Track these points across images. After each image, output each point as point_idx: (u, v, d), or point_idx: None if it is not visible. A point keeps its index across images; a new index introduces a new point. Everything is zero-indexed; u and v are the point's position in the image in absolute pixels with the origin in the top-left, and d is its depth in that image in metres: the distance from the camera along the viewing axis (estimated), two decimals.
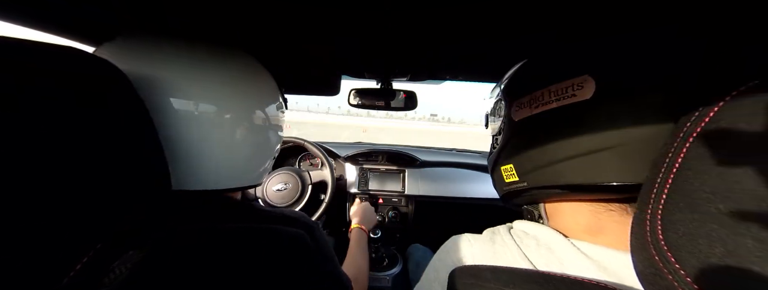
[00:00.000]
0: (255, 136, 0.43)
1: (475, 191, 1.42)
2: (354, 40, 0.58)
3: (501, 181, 0.43)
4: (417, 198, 1.45)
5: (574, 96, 0.30)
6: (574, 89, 0.30)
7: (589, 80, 0.29)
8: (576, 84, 0.30)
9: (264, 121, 0.44)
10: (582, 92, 0.29)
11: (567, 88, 0.31)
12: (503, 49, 0.60)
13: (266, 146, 0.47)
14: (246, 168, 0.44)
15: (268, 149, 0.47)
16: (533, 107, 0.34)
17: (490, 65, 0.73)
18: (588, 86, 0.29)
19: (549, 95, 0.32)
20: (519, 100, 0.37)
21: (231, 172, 0.42)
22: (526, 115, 0.36)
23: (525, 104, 0.36)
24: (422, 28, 0.50)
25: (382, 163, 1.54)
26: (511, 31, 0.50)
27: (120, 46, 0.37)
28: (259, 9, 0.45)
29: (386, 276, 1.19)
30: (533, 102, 0.34)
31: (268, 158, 0.49)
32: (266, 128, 0.45)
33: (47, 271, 0.21)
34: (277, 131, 0.49)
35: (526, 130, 0.37)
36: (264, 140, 0.45)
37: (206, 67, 0.38)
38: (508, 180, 0.41)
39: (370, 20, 0.48)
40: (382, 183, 1.49)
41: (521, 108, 0.36)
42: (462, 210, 1.51)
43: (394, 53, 0.66)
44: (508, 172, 0.40)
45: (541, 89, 0.34)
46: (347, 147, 1.63)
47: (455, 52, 0.63)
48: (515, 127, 0.38)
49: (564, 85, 0.31)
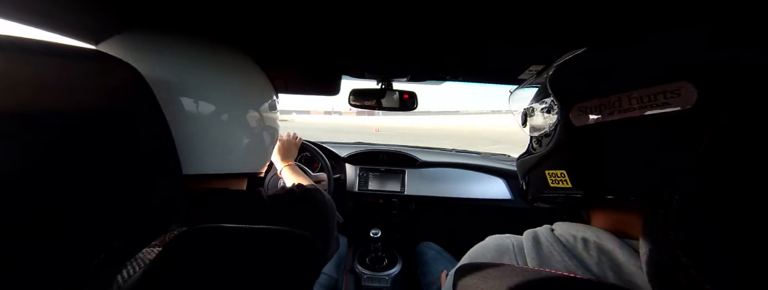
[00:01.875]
0: (251, 124, 0.45)
1: (475, 191, 1.42)
2: (354, 40, 0.58)
3: (542, 184, 0.40)
4: (417, 198, 1.45)
5: (667, 105, 0.26)
6: (667, 97, 0.27)
7: (689, 87, 0.26)
8: (669, 91, 0.26)
9: (259, 110, 0.46)
10: (679, 101, 0.26)
11: (657, 95, 0.27)
12: (504, 49, 0.60)
13: (262, 133, 0.48)
14: (245, 154, 0.46)
15: (264, 135, 0.49)
16: (606, 114, 0.31)
17: (491, 65, 0.73)
18: (687, 94, 0.26)
19: (630, 102, 0.29)
20: (583, 104, 0.33)
21: (230, 158, 0.43)
22: (593, 121, 0.32)
23: (592, 109, 0.32)
24: (423, 30, 0.50)
25: (382, 163, 1.54)
26: (511, 32, 0.50)
27: (117, 44, 0.38)
28: (261, 12, 0.45)
29: (386, 277, 1.19)
30: (606, 108, 0.31)
31: (265, 145, 0.50)
32: (261, 117, 0.47)
33: (66, 267, 0.21)
34: (273, 121, 0.51)
35: (593, 138, 0.33)
36: (260, 127, 0.47)
37: (199, 60, 0.40)
38: (555, 186, 0.38)
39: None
40: (382, 183, 1.49)
41: (586, 112, 0.33)
42: (462, 210, 1.51)
43: (394, 53, 0.66)
44: (558, 178, 0.37)
45: (617, 94, 0.30)
46: (347, 147, 1.63)
47: (455, 52, 0.63)
48: (576, 132, 0.34)
49: (652, 92, 0.27)
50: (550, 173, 0.38)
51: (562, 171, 0.37)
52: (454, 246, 1.11)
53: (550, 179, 0.39)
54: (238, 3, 0.43)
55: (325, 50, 0.66)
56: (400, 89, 0.93)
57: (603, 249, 0.32)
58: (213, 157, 0.41)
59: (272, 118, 0.51)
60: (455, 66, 0.75)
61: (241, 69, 0.45)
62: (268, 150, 0.52)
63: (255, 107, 0.46)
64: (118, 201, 0.24)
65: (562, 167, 0.37)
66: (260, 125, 0.47)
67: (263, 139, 0.49)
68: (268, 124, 0.49)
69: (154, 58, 0.37)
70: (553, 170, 0.38)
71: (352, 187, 1.46)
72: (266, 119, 0.48)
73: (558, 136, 0.37)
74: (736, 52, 0.25)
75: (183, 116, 0.37)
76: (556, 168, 0.37)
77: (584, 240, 0.34)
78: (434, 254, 1.18)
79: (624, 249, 0.30)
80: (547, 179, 0.39)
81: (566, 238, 0.35)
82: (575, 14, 0.42)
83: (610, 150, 0.32)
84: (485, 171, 1.50)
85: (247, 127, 0.44)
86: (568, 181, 0.36)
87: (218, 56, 0.42)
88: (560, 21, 0.44)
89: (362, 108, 0.98)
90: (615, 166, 0.31)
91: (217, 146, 0.41)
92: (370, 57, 0.71)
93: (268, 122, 0.49)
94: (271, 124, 0.50)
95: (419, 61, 0.72)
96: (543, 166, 0.40)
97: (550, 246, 0.35)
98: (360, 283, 1.18)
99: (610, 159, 0.32)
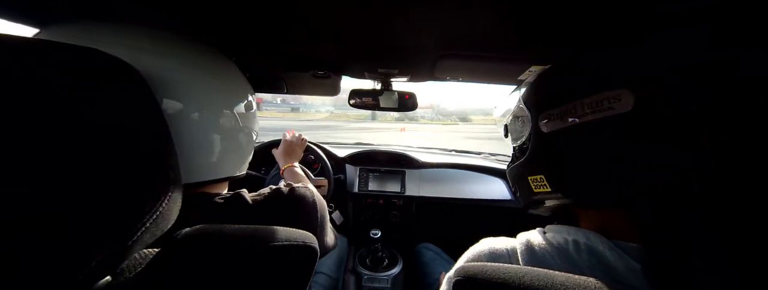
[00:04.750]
0: (226, 128, 0.43)
1: (475, 192, 1.42)
2: (354, 41, 0.58)
3: (528, 191, 0.43)
4: (417, 199, 1.45)
5: (612, 108, 0.30)
6: (611, 102, 0.30)
7: (626, 93, 0.29)
8: (612, 97, 0.30)
9: (234, 114, 0.44)
10: (620, 104, 0.30)
11: (602, 101, 0.31)
12: (504, 50, 0.60)
13: (238, 134, 0.46)
14: (222, 160, 0.44)
15: (241, 137, 0.47)
16: (566, 120, 0.34)
17: (491, 66, 0.73)
18: (626, 99, 0.29)
19: (583, 108, 0.32)
20: (547, 112, 0.37)
21: (207, 165, 0.42)
22: (558, 127, 0.36)
23: (555, 116, 0.36)
24: (422, 30, 0.50)
25: (382, 164, 1.54)
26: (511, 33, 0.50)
27: (71, 30, 0.36)
28: (261, 13, 0.45)
29: (386, 277, 1.19)
30: (565, 114, 0.35)
31: (243, 147, 0.48)
32: (237, 121, 0.45)
33: (63, 268, 0.21)
34: (250, 121, 0.49)
35: (559, 142, 0.37)
36: (235, 131, 0.45)
37: (171, 57, 0.38)
38: (538, 190, 0.41)
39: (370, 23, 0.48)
40: (382, 184, 1.49)
41: (551, 120, 0.37)
42: (462, 211, 1.51)
43: (394, 54, 0.66)
44: (538, 182, 0.40)
45: (572, 101, 0.34)
46: (347, 148, 1.63)
47: (456, 52, 0.63)
48: (546, 138, 0.38)
49: (598, 98, 0.31)
50: (532, 179, 0.42)
51: (541, 176, 0.40)
52: (454, 247, 1.11)
53: (533, 185, 0.42)
54: (237, 3, 0.43)
55: (325, 50, 0.66)
56: (400, 90, 0.94)
57: (593, 251, 0.32)
58: (186, 167, 0.38)
59: (250, 118, 0.48)
60: (455, 66, 0.75)
61: (215, 67, 0.43)
62: (245, 152, 0.50)
63: (230, 108, 0.43)
64: (119, 201, 0.24)
65: (540, 172, 0.40)
66: (236, 126, 0.45)
67: (240, 142, 0.47)
68: (245, 124, 0.47)
69: (126, 52, 0.34)
70: (534, 176, 0.41)
71: (352, 188, 1.46)
72: (243, 120, 0.46)
73: (533, 143, 0.41)
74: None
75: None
76: (536, 174, 0.41)
77: (575, 242, 0.34)
78: (433, 255, 1.18)
79: (613, 251, 0.31)
80: (531, 185, 0.42)
81: (558, 241, 0.36)
82: (575, 15, 0.42)
83: (574, 152, 0.35)
84: (485, 171, 1.50)
85: (223, 130, 0.42)
86: (547, 185, 0.39)
87: (190, 55, 0.40)
88: (560, 21, 0.44)
89: (362, 108, 0.98)
90: (581, 167, 0.34)
91: (189, 155, 0.39)
92: (370, 57, 0.71)
93: (245, 122, 0.47)
94: (248, 125, 0.48)
95: (418, 61, 0.72)
96: (526, 173, 0.43)
97: (544, 250, 0.35)
98: (360, 283, 1.18)
99: (576, 161, 0.35)
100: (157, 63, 0.36)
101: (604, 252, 0.31)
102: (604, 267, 0.31)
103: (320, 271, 1.08)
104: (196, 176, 0.41)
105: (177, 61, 0.39)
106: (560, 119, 0.35)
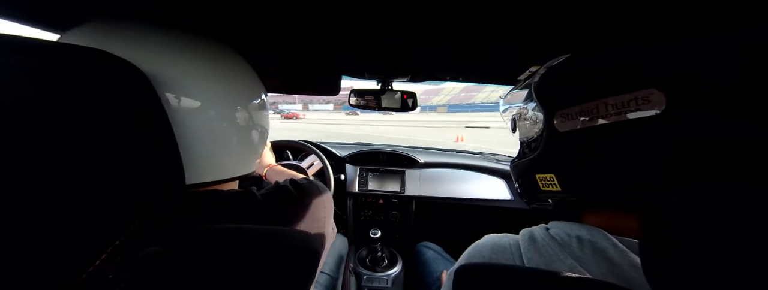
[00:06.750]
0: (241, 126, 0.43)
1: (475, 192, 1.42)
2: (354, 41, 0.58)
3: (534, 188, 0.41)
4: (417, 198, 1.45)
5: (640, 110, 0.28)
6: (638, 103, 0.28)
7: (657, 94, 0.27)
8: (640, 98, 0.28)
9: (248, 111, 0.44)
10: (649, 106, 0.27)
11: (629, 102, 0.28)
12: (504, 50, 0.60)
13: (252, 132, 0.46)
14: (236, 159, 0.44)
15: (254, 135, 0.47)
16: (585, 120, 0.32)
17: (491, 66, 0.74)
18: (656, 100, 0.27)
19: (606, 108, 0.30)
20: (564, 111, 0.35)
21: (221, 165, 0.42)
22: (575, 127, 0.33)
23: (573, 115, 0.33)
24: (422, 30, 0.50)
25: (382, 164, 1.54)
26: (511, 33, 0.50)
27: (87, 34, 0.36)
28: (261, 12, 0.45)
29: (386, 277, 1.19)
30: (585, 114, 0.32)
31: (255, 144, 0.48)
32: (250, 118, 0.45)
33: (63, 269, 0.21)
34: (263, 118, 0.49)
35: (576, 143, 0.34)
36: (248, 129, 0.45)
37: (192, 59, 0.38)
38: (546, 189, 0.39)
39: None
40: (382, 183, 1.49)
41: (568, 119, 0.34)
42: (462, 211, 1.51)
43: (394, 53, 0.66)
44: (547, 181, 0.39)
45: (594, 101, 0.31)
46: (347, 148, 1.63)
47: (455, 52, 0.63)
48: (560, 137, 0.36)
49: (625, 99, 0.29)
50: (540, 177, 0.40)
51: (551, 175, 0.38)
52: (454, 247, 1.11)
53: (540, 183, 0.40)
54: (236, 3, 0.43)
55: (326, 50, 0.66)
56: (401, 89, 0.94)
57: (596, 247, 0.32)
58: (200, 167, 0.38)
59: (263, 116, 0.48)
60: (455, 66, 0.75)
61: (228, 63, 0.42)
62: (258, 148, 0.49)
63: (244, 105, 0.43)
64: (116, 201, 0.24)
65: (550, 171, 0.38)
66: (250, 124, 0.44)
67: (253, 139, 0.46)
68: (259, 122, 0.47)
69: (136, 54, 0.33)
70: (543, 174, 0.39)
71: (352, 187, 1.46)
72: (256, 117, 0.46)
73: (545, 142, 0.38)
74: (707, 65, 0.26)
75: (178, 118, 0.34)
76: (546, 172, 0.39)
77: (579, 238, 0.34)
78: (433, 254, 1.18)
79: (617, 248, 0.31)
80: (538, 183, 0.40)
81: (561, 237, 0.36)
82: (575, 15, 0.42)
83: (592, 154, 0.33)
84: (485, 171, 1.50)
85: (238, 129, 0.42)
86: (557, 185, 0.37)
87: (201, 51, 0.39)
88: (560, 22, 0.44)
89: (362, 108, 0.98)
90: (598, 170, 0.32)
91: (202, 156, 0.38)
92: (370, 57, 0.71)
93: (259, 120, 0.46)
94: (261, 122, 0.48)
95: (419, 61, 0.72)
96: (534, 170, 0.41)
97: (547, 245, 0.35)
98: (360, 283, 1.18)
99: (593, 163, 0.33)
100: (167, 62, 0.36)
101: (608, 248, 0.32)
102: (607, 262, 0.31)
103: (320, 271, 1.08)
104: (208, 175, 0.41)
105: (191, 60, 0.38)
106: (578, 119, 0.33)
